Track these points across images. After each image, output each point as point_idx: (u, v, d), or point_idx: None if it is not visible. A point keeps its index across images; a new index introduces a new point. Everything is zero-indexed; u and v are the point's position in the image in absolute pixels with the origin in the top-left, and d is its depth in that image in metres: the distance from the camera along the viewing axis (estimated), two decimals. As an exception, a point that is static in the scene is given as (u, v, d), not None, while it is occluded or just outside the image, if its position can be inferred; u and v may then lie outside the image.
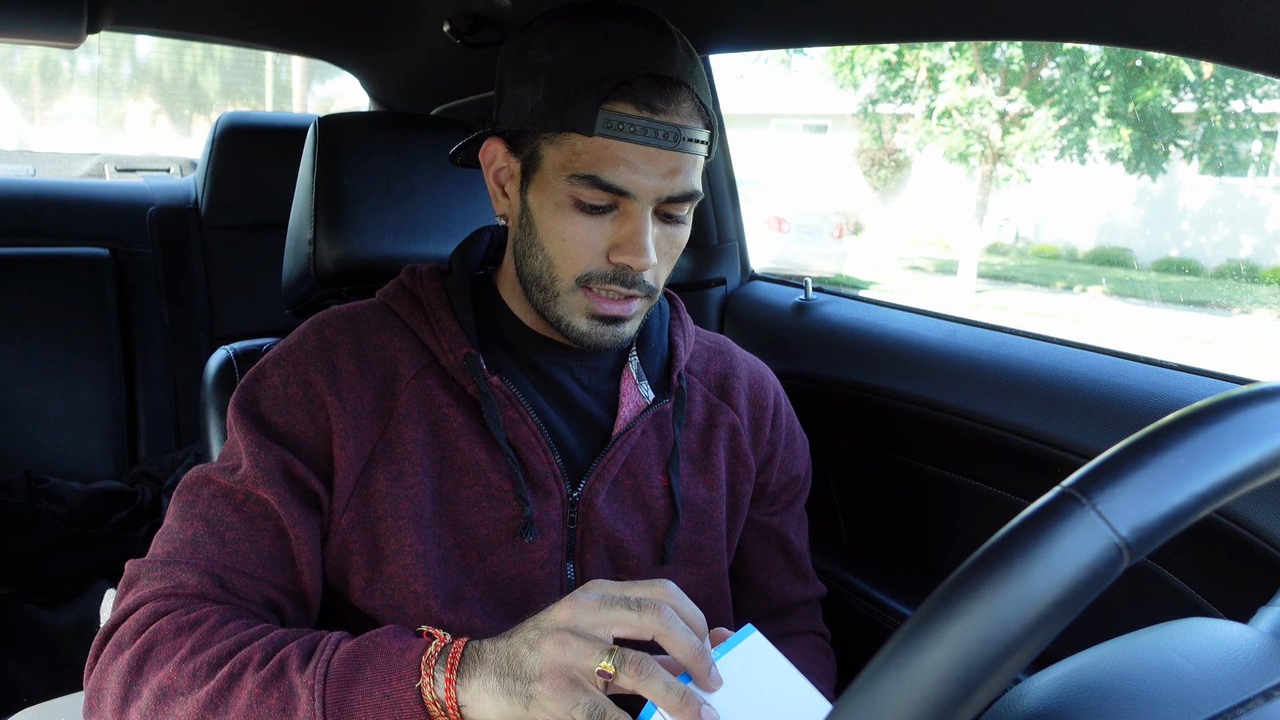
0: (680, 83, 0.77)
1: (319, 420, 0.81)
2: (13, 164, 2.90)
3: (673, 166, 0.78)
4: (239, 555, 0.77)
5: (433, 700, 0.64)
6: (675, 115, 0.77)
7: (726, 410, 0.96)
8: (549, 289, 0.83)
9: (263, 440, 0.80)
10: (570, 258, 0.81)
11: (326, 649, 0.68)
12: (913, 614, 0.36)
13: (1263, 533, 0.85)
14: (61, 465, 2.06)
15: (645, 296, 0.84)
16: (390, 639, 0.68)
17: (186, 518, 0.79)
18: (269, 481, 0.78)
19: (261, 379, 0.84)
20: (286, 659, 0.68)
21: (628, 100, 0.76)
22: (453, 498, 0.83)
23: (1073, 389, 1.04)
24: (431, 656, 0.65)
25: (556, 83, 0.77)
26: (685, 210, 0.82)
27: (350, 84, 2.30)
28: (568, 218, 0.80)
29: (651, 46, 0.77)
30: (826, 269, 9.76)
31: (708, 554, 0.92)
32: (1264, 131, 9.98)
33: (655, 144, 0.76)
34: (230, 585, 0.76)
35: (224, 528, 0.78)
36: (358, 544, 0.81)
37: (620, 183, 0.77)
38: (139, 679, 0.70)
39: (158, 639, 0.71)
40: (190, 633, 0.71)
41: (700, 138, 0.79)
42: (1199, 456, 0.36)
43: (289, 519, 0.78)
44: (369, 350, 0.85)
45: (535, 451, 0.85)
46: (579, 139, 0.77)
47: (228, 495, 0.79)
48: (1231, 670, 0.44)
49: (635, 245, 0.79)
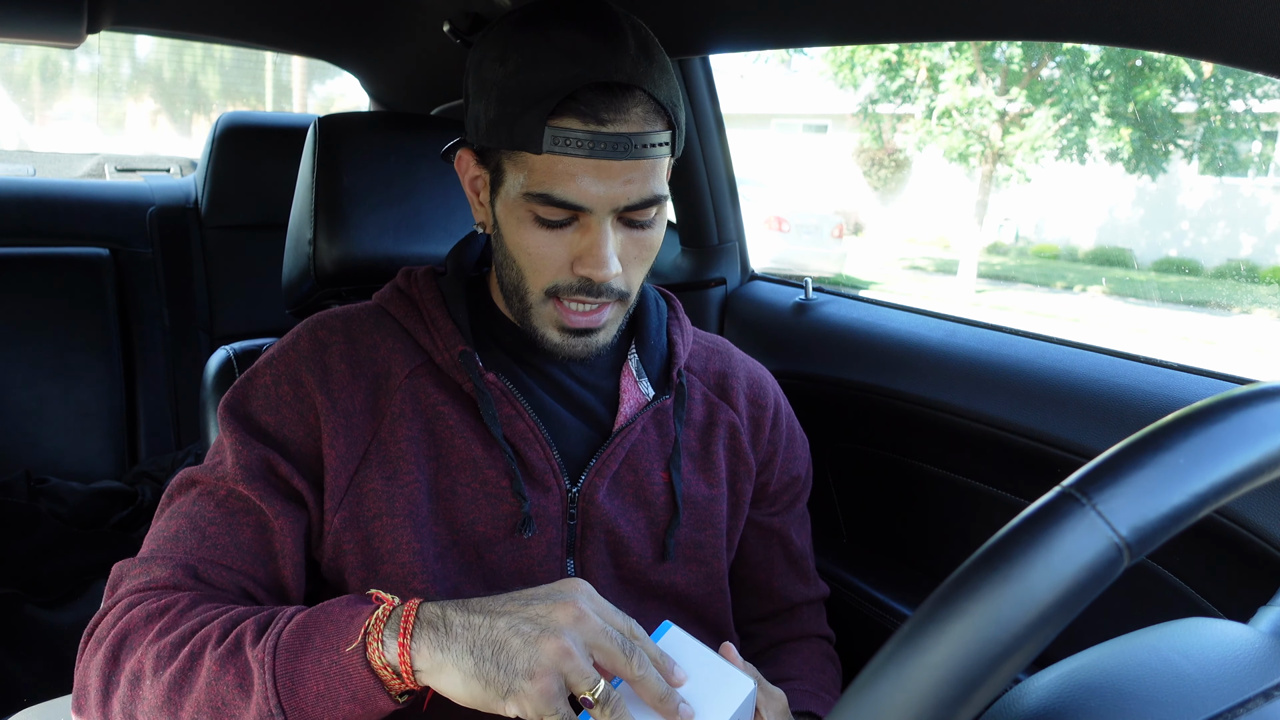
0: (631, 86, 0.75)
1: (308, 420, 0.82)
2: (13, 164, 2.91)
3: (628, 176, 0.76)
4: (218, 548, 0.78)
5: (382, 665, 0.63)
6: (624, 123, 0.75)
7: (726, 409, 0.96)
8: (523, 300, 0.84)
9: (247, 439, 0.81)
10: (537, 270, 0.81)
11: (279, 622, 0.68)
12: (913, 614, 0.36)
13: (1263, 533, 0.85)
14: (61, 465, 2.06)
15: (617, 302, 0.83)
16: (341, 607, 0.68)
17: (170, 517, 0.80)
18: (249, 477, 0.79)
19: (253, 379, 0.85)
20: (242, 635, 0.68)
21: (573, 115, 0.74)
22: (449, 495, 0.84)
23: (1073, 389, 1.04)
24: (380, 620, 0.65)
25: (505, 100, 0.76)
26: (650, 214, 0.81)
27: (350, 84, 2.30)
28: (529, 233, 0.79)
29: (597, 53, 0.75)
30: (826, 269, 9.76)
31: (707, 551, 0.93)
32: (1264, 131, 9.98)
33: (605, 156, 0.75)
34: (205, 575, 0.76)
35: (205, 523, 0.79)
36: (350, 544, 0.81)
37: (573, 198, 0.76)
38: (116, 669, 0.71)
39: (130, 628, 0.72)
40: (160, 618, 0.72)
41: (656, 140, 0.77)
42: (1199, 456, 0.36)
43: (271, 511, 0.79)
44: (361, 351, 0.86)
45: (533, 447, 0.85)
46: (531, 157, 0.76)
47: (211, 493, 0.80)
48: (1231, 670, 0.44)
49: (595, 258, 0.78)
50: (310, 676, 0.64)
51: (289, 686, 0.64)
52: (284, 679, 0.64)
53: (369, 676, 0.63)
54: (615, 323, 0.86)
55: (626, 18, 0.79)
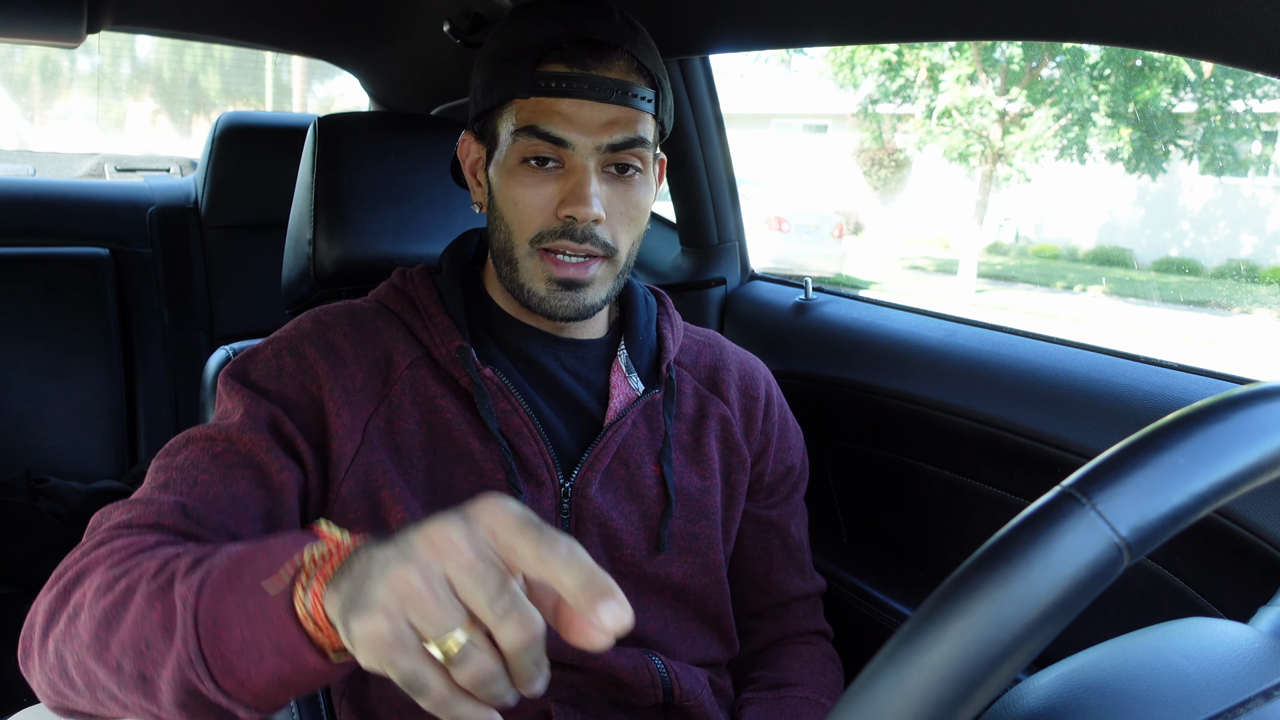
0: (614, 45, 0.82)
1: (310, 389, 0.82)
2: (13, 164, 2.91)
3: (610, 118, 0.81)
4: (209, 495, 0.72)
5: (304, 614, 0.51)
6: (609, 70, 0.81)
7: (716, 402, 0.97)
8: (510, 256, 0.86)
9: (255, 397, 0.80)
10: (523, 220, 0.83)
11: (216, 556, 0.57)
12: (913, 614, 0.36)
13: (1263, 533, 0.85)
14: (61, 465, 2.06)
15: (604, 258, 0.85)
16: (282, 542, 0.56)
17: (161, 470, 0.76)
18: (255, 428, 0.77)
19: (254, 354, 0.85)
20: (176, 570, 0.58)
21: (559, 61, 0.81)
22: (446, 487, 0.84)
23: (1073, 389, 1.04)
24: (311, 562, 0.52)
25: (496, 61, 0.84)
26: (636, 163, 0.84)
27: (350, 84, 2.30)
28: (517, 180, 0.83)
29: (584, 17, 0.82)
30: (826, 269, 9.76)
31: (703, 543, 0.93)
32: (1264, 131, 9.98)
33: (589, 96, 0.80)
34: (195, 514, 0.70)
35: (198, 471, 0.74)
36: (357, 514, 0.81)
37: (557, 131, 0.81)
38: (62, 606, 0.64)
39: (90, 565, 0.65)
40: (119, 553, 0.64)
41: (640, 94, 0.83)
42: (1199, 456, 0.36)
43: (274, 465, 0.76)
44: (365, 335, 0.87)
45: (528, 441, 0.86)
46: (521, 102, 0.82)
47: (208, 444, 0.77)
48: (1231, 670, 0.44)
49: (578, 195, 0.81)
50: (234, 620, 0.53)
51: (210, 630, 0.54)
52: (205, 620, 0.54)
53: (292, 625, 0.51)
54: (604, 284, 0.86)
55: (616, 4, 0.87)
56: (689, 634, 0.93)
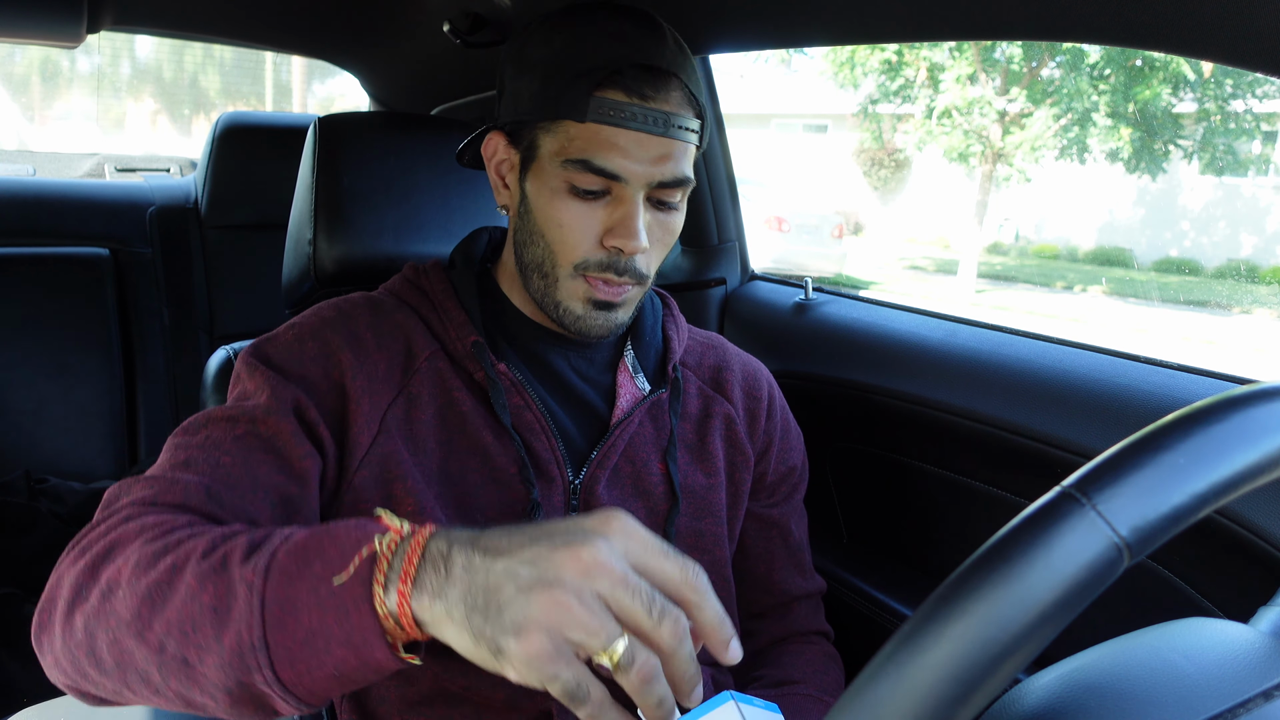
0: (670, 73, 0.80)
1: (332, 375, 0.81)
2: (13, 164, 2.91)
3: (663, 152, 0.80)
4: (230, 478, 0.72)
5: (385, 613, 0.52)
6: (665, 103, 0.80)
7: (721, 401, 0.98)
8: (549, 275, 0.85)
9: (279, 379, 0.79)
10: (568, 244, 0.82)
11: (275, 540, 0.58)
12: (913, 614, 0.36)
13: (1263, 533, 0.85)
14: (61, 465, 2.06)
15: (637, 283, 0.85)
16: (348, 530, 0.56)
17: (180, 448, 0.74)
18: (280, 412, 0.76)
19: (275, 337, 0.84)
20: (231, 551, 0.58)
21: (618, 88, 0.78)
22: (459, 480, 0.85)
23: (1073, 389, 1.04)
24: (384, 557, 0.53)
25: (551, 74, 0.80)
26: (678, 197, 0.84)
27: (350, 84, 2.30)
28: (563, 203, 0.82)
29: (643, 39, 0.80)
30: (826, 269, 9.76)
31: (709, 540, 0.94)
32: (1264, 131, 9.98)
33: (646, 129, 0.79)
34: (218, 497, 0.70)
35: (219, 453, 0.73)
36: (369, 504, 0.81)
37: (612, 167, 0.79)
38: (92, 581, 0.62)
39: (120, 539, 0.63)
40: (154, 530, 0.63)
41: (690, 126, 0.82)
42: (1199, 456, 0.36)
43: (298, 452, 0.75)
44: (386, 326, 0.87)
45: (539, 438, 0.87)
46: (573, 126, 0.79)
47: (230, 423, 0.75)
48: (1231, 670, 0.44)
49: (627, 229, 0.80)
50: (303, 608, 0.53)
51: (278, 617, 0.54)
52: (273, 606, 0.54)
53: (368, 618, 0.52)
54: (633, 303, 0.87)
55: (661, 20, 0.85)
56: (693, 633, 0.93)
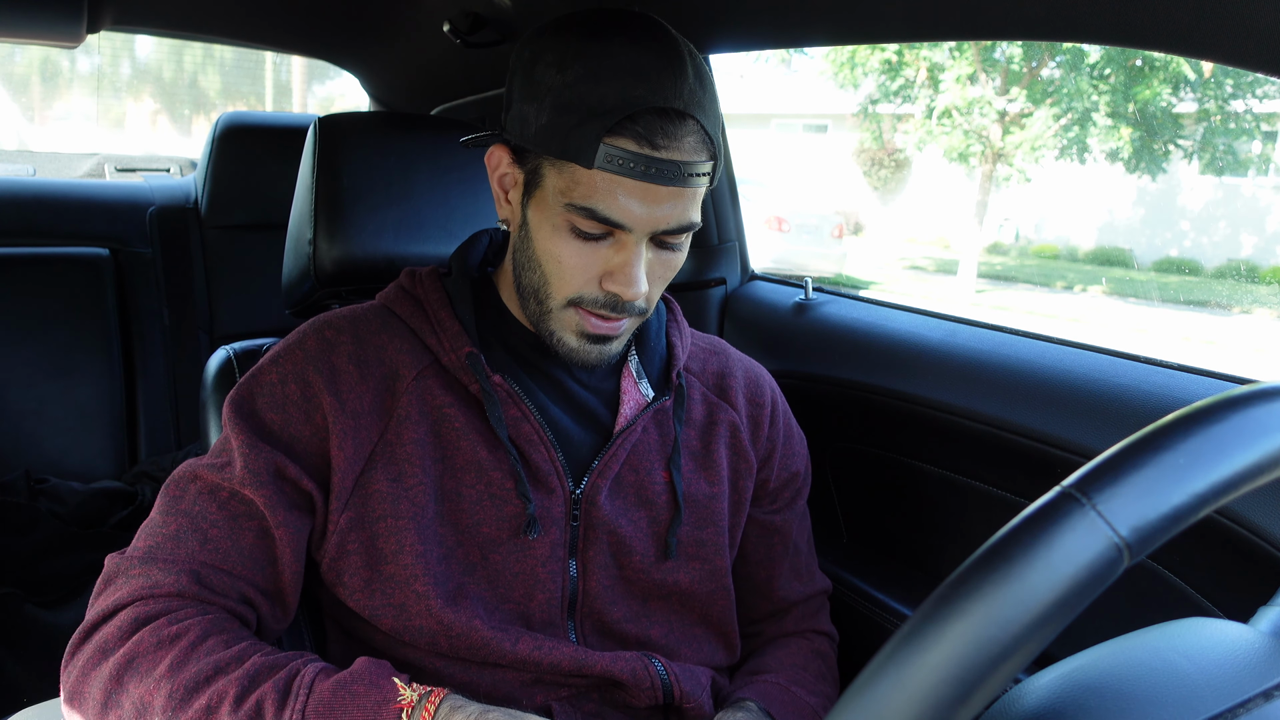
0: (686, 115, 0.76)
1: (315, 420, 0.82)
2: (13, 164, 2.90)
3: (671, 202, 0.77)
4: (219, 553, 0.77)
5: None
6: (677, 151, 0.76)
7: (725, 408, 0.97)
8: (543, 304, 0.84)
9: (255, 441, 0.80)
10: (564, 279, 0.81)
11: (301, 692, 0.69)
12: (913, 614, 0.36)
13: (1263, 533, 0.85)
14: (61, 465, 2.06)
15: (635, 316, 0.84)
16: (365, 688, 0.69)
17: (171, 513, 0.79)
18: (257, 483, 0.78)
19: (259, 376, 0.84)
20: (263, 701, 0.68)
21: (629, 136, 0.74)
22: (455, 497, 0.84)
23: (1073, 389, 1.04)
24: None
25: (561, 109, 0.76)
26: (682, 239, 0.83)
27: (350, 84, 2.30)
28: (563, 241, 0.80)
29: (660, 75, 0.75)
30: (826, 269, 9.76)
31: (710, 549, 0.93)
32: (1264, 131, 9.97)
33: (654, 181, 0.75)
34: (207, 582, 0.76)
35: (207, 524, 0.78)
36: (355, 544, 0.81)
37: (616, 217, 0.77)
38: (119, 690, 0.71)
39: (139, 651, 0.72)
40: (170, 647, 0.71)
41: (702, 170, 0.78)
42: (1199, 456, 0.36)
43: (274, 520, 0.78)
44: (369, 351, 0.86)
45: (538, 449, 0.85)
46: (579, 169, 0.76)
47: (214, 492, 0.79)
48: (1231, 670, 0.44)
49: (626, 276, 0.79)
50: None
51: None
52: None
53: None
54: (628, 334, 0.87)
55: (683, 41, 0.80)
56: (694, 639, 0.94)
